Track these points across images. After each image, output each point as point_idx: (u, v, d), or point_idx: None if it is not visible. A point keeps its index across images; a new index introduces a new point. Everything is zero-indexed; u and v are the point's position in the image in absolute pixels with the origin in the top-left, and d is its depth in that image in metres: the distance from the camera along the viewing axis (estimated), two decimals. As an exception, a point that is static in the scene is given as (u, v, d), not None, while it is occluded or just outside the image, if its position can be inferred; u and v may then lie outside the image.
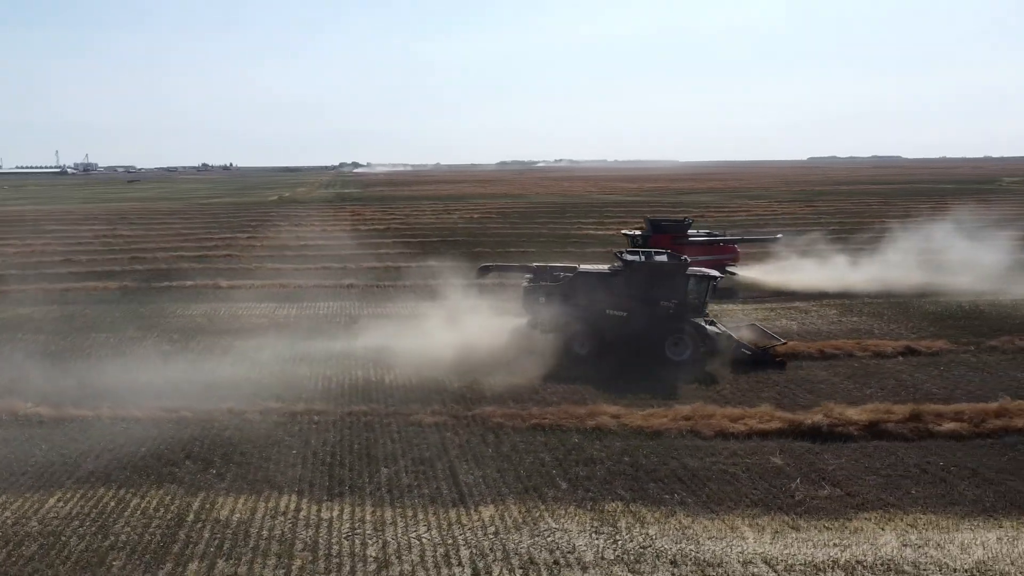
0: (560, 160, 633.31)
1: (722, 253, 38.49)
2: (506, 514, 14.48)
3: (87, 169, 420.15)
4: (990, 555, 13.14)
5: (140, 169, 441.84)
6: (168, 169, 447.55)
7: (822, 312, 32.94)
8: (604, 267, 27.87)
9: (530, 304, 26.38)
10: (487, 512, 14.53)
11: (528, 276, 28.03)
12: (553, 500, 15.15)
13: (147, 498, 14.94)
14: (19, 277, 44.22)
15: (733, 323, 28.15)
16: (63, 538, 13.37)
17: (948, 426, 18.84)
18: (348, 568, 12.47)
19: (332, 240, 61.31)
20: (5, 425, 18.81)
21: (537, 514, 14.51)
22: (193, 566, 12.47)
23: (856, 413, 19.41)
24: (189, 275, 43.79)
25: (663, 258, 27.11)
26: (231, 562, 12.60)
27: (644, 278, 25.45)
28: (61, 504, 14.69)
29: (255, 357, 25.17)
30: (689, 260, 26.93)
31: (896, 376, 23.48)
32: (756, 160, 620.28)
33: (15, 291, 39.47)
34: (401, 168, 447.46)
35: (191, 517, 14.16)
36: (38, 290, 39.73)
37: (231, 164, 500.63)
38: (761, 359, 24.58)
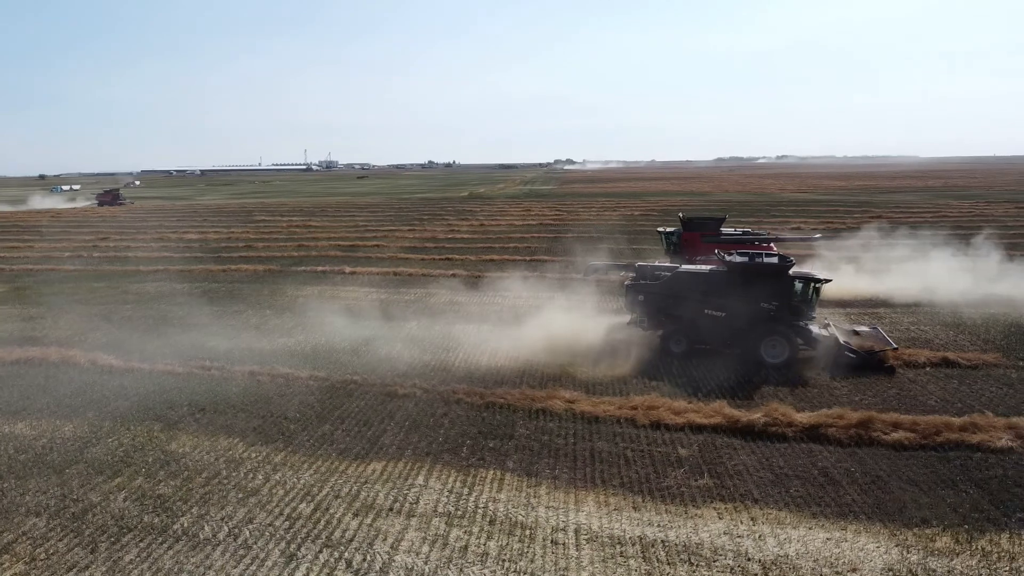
0: (783, 156, 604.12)
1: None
2: (388, 470, 16.69)
3: (329, 166, 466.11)
4: (798, 552, 13.34)
5: (373, 166, 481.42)
6: (397, 166, 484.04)
7: (896, 319, 31.16)
8: (704, 267, 28.32)
9: (630, 302, 27.37)
10: (373, 467, 16.83)
11: (631, 274, 29.05)
12: (442, 464, 17.08)
13: (132, 431, 18.90)
14: (194, 259, 52.41)
15: (853, 325, 27.75)
16: (51, 451, 17.60)
17: (895, 435, 18.27)
18: (223, 493, 15.40)
19: (475, 234, 65.33)
20: (83, 371, 23.95)
21: (415, 473, 16.57)
22: (119, 479, 16.06)
23: (802, 416, 19.33)
24: (328, 261, 49.52)
25: (765, 259, 27.15)
26: (146, 479, 16.06)
27: (743, 279, 25.41)
28: (71, 429, 19.06)
29: (311, 331, 29.10)
30: (794, 261, 26.53)
31: (903, 386, 22.45)
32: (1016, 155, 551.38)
33: (182, 270, 47.05)
34: (613, 165, 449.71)
35: (149, 446, 17.87)
36: (202, 270, 47.13)
37: (454, 161, 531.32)
38: (866, 363, 23.86)
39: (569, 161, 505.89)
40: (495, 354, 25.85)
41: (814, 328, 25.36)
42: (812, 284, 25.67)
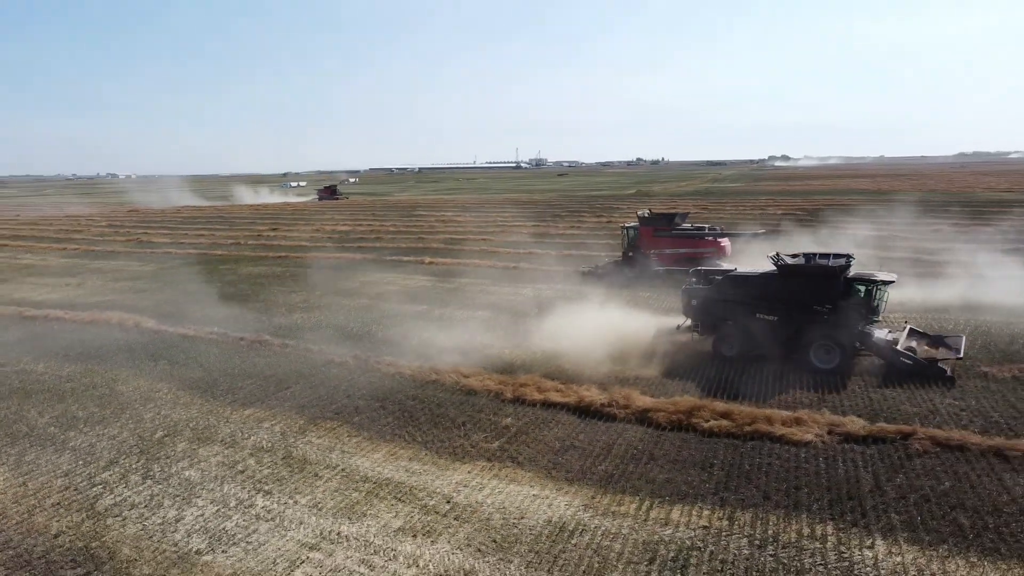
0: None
1: (703, 247, 38.94)
2: (254, 416, 20.48)
3: (538, 164, 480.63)
4: (494, 501, 15.38)
5: (581, 163, 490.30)
6: (603, 164, 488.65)
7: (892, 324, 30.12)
8: (756, 270, 28.14)
9: (685, 306, 27.74)
10: (247, 412, 20.71)
11: (691, 278, 29.35)
12: (300, 414, 20.64)
13: (105, 374, 24.43)
14: (317, 247, 59.65)
15: (939, 332, 27.12)
16: (40, 382, 23.56)
17: (712, 423, 19.30)
18: (116, 419, 20.17)
19: (590, 230, 67.70)
20: (124, 330, 30.40)
21: (271, 419, 20.29)
22: (61, 404, 21.41)
23: (641, 401, 20.73)
24: (421, 253, 54.46)
25: (822, 261, 26.17)
26: (78, 405, 21.34)
27: (795, 281, 25.25)
28: (69, 369, 25.00)
29: (328, 310, 33.83)
30: (851, 263, 25.53)
31: (811, 385, 22.61)
32: None
33: (296, 256, 54.16)
34: (832, 161, 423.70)
35: (104, 384, 23.20)
36: (311, 256, 53.92)
37: (662, 158, 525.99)
38: (924, 371, 23.14)
39: (784, 157, 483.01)
40: (458, 335, 28.85)
41: (877, 332, 24.80)
42: (872, 286, 24.87)
